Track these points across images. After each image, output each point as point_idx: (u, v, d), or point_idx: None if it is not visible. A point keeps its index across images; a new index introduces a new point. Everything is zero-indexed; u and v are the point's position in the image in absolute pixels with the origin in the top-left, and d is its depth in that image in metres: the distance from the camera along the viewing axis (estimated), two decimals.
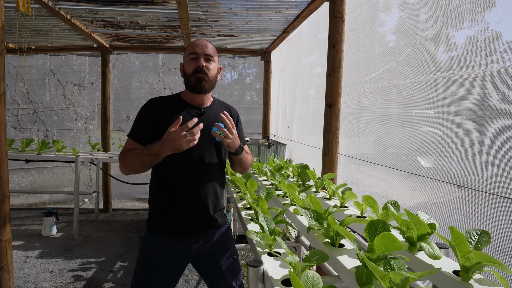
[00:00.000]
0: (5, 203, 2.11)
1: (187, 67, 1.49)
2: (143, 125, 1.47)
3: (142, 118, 1.48)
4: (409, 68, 1.94)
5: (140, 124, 1.48)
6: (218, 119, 1.53)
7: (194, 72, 1.46)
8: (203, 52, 1.47)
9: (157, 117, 1.45)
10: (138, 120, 1.49)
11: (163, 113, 1.46)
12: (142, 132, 1.46)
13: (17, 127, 5.24)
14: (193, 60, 1.47)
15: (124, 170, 1.44)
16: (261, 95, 5.40)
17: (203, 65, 1.45)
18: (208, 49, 1.48)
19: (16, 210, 5.04)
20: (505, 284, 0.81)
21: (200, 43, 1.49)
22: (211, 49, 1.49)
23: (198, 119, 1.48)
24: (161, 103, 1.50)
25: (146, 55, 5.34)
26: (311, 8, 2.97)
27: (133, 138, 1.47)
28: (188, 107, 1.51)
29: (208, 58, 1.48)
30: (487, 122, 1.42)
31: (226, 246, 1.55)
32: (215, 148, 1.52)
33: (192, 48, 1.48)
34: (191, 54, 1.47)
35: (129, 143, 1.48)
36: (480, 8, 1.49)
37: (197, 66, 1.45)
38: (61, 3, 3.06)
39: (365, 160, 2.37)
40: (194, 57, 1.46)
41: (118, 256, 3.49)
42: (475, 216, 1.46)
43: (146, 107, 1.49)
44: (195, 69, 1.45)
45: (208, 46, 1.49)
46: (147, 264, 1.46)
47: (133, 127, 1.49)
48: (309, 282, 0.82)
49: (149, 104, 1.50)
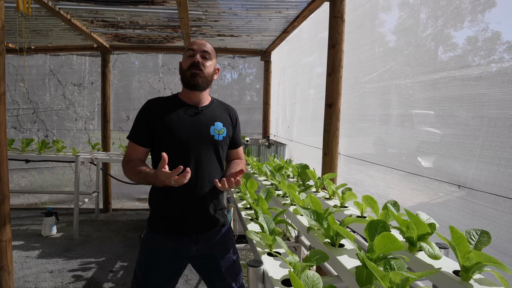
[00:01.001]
0: (5, 203, 2.11)
1: (184, 63, 1.51)
2: (142, 127, 1.48)
3: (141, 120, 1.49)
4: (409, 68, 1.94)
5: (139, 126, 1.49)
6: (216, 118, 1.54)
7: (189, 67, 1.47)
8: (200, 49, 1.49)
9: (154, 117, 1.46)
10: (137, 122, 1.50)
11: (160, 113, 1.47)
12: (141, 134, 1.48)
13: (17, 127, 5.24)
14: (190, 57, 1.49)
15: (125, 175, 1.48)
16: (261, 95, 5.40)
17: (199, 60, 1.47)
18: (205, 47, 1.50)
19: (16, 210, 5.04)
20: (505, 284, 0.81)
21: (199, 41, 1.51)
22: (209, 47, 1.52)
23: (195, 117, 1.49)
24: (159, 103, 1.51)
25: (146, 55, 5.34)
26: (311, 8, 2.97)
27: (134, 141, 1.49)
28: (184, 107, 1.51)
29: (204, 56, 1.49)
30: (487, 122, 1.42)
31: (226, 247, 1.55)
32: (213, 147, 1.52)
33: (190, 45, 1.51)
34: (189, 50, 1.49)
35: (131, 147, 1.50)
36: (480, 8, 1.49)
37: (192, 62, 1.47)
38: (61, 3, 3.06)
39: (365, 160, 2.37)
40: (191, 53, 1.49)
41: (118, 256, 3.49)
42: (475, 216, 1.46)
43: (144, 108, 1.51)
44: (191, 64, 1.47)
45: (206, 45, 1.51)
46: (147, 264, 1.46)
47: (133, 129, 1.50)
48: (309, 282, 0.82)
49: (147, 105, 1.51)
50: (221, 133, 1.53)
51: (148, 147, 1.50)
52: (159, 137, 1.46)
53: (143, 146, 1.48)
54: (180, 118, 1.47)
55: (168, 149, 1.43)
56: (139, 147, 1.48)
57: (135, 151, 1.49)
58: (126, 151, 1.52)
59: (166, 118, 1.46)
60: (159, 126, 1.45)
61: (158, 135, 1.46)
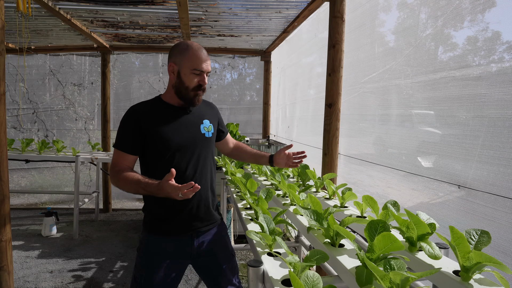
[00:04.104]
0: (5, 203, 2.11)
1: (188, 79, 1.43)
2: (129, 135, 1.42)
3: (128, 127, 1.42)
4: (409, 68, 1.94)
5: (126, 134, 1.43)
6: (203, 116, 1.56)
7: (195, 89, 1.44)
8: (207, 70, 1.45)
9: (144, 123, 1.41)
10: (124, 130, 1.43)
11: (149, 119, 1.42)
12: (129, 142, 1.42)
13: (17, 127, 5.24)
14: (196, 75, 1.43)
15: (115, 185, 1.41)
16: (261, 95, 5.40)
17: (206, 83, 1.46)
18: (210, 65, 1.47)
19: (16, 210, 5.04)
20: (505, 284, 0.81)
21: (205, 58, 1.44)
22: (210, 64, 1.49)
23: (184, 118, 1.49)
24: (145, 109, 1.46)
25: (146, 55, 5.34)
26: (311, 8, 2.97)
27: (122, 149, 1.42)
28: (172, 109, 1.49)
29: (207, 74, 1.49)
30: (487, 122, 1.42)
31: (224, 242, 1.58)
32: (206, 145, 1.53)
33: (198, 63, 1.41)
34: (196, 70, 1.42)
35: (118, 155, 1.42)
36: (480, 8, 1.49)
37: (199, 84, 1.44)
38: (61, 3, 3.06)
39: (365, 160, 2.37)
40: (198, 73, 1.43)
41: (118, 256, 3.49)
42: (475, 216, 1.46)
43: (130, 115, 1.44)
44: (197, 86, 1.44)
45: (209, 62, 1.47)
46: (147, 268, 1.45)
47: (119, 138, 1.43)
48: (309, 282, 0.82)
49: (133, 112, 1.44)
50: (210, 130, 1.55)
51: (137, 155, 1.45)
52: (153, 144, 1.41)
53: (133, 154, 1.43)
54: (171, 122, 1.44)
55: (164, 154, 1.42)
56: (128, 156, 1.42)
57: (124, 159, 1.42)
58: (113, 160, 1.43)
59: (157, 124, 1.42)
60: (151, 133, 1.41)
61: (151, 142, 1.41)
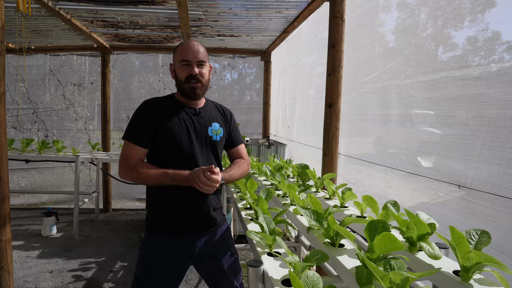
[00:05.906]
0: (5, 203, 2.11)
1: (179, 72, 1.44)
2: (143, 127, 1.42)
3: (141, 119, 1.43)
4: (409, 68, 1.94)
5: (139, 126, 1.43)
6: (213, 119, 1.54)
7: (187, 80, 1.43)
8: (196, 59, 1.42)
9: (155, 118, 1.43)
10: (137, 122, 1.44)
11: (161, 114, 1.44)
12: (142, 134, 1.42)
13: (17, 127, 5.24)
14: (185, 66, 1.42)
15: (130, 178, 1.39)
16: (261, 95, 5.40)
17: (197, 72, 1.42)
18: (200, 54, 1.43)
19: (16, 210, 5.04)
20: (505, 284, 0.81)
21: (191, 48, 1.42)
22: (202, 53, 1.44)
23: (194, 119, 1.49)
24: (158, 104, 1.47)
25: (146, 55, 5.34)
26: (311, 8, 2.97)
27: (134, 141, 1.42)
28: (184, 107, 1.50)
29: (200, 64, 1.44)
30: (487, 122, 1.42)
31: (227, 245, 1.56)
32: (212, 148, 1.52)
33: (184, 54, 1.42)
34: (183, 61, 1.42)
35: (131, 148, 1.41)
36: (480, 8, 1.49)
37: (189, 74, 1.42)
38: (61, 3, 3.06)
39: (365, 160, 2.36)
40: (186, 63, 1.42)
41: (118, 256, 3.49)
42: (475, 216, 1.46)
43: (143, 109, 1.45)
44: (188, 76, 1.42)
45: (199, 51, 1.43)
46: (148, 267, 1.45)
47: (131, 130, 1.43)
48: (309, 282, 0.82)
49: (146, 105, 1.46)
50: (219, 133, 1.54)
51: (148, 148, 1.45)
52: (163, 138, 1.42)
53: (144, 147, 1.43)
54: (181, 120, 1.46)
55: (171, 150, 1.43)
56: (140, 148, 1.42)
57: (137, 152, 1.41)
58: (125, 153, 1.41)
59: (168, 120, 1.43)
60: (162, 128, 1.42)
61: (161, 137, 1.42)
